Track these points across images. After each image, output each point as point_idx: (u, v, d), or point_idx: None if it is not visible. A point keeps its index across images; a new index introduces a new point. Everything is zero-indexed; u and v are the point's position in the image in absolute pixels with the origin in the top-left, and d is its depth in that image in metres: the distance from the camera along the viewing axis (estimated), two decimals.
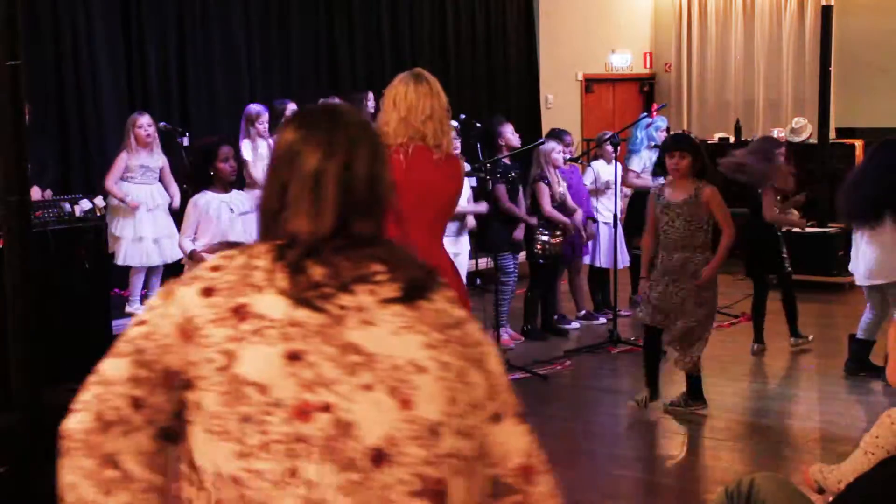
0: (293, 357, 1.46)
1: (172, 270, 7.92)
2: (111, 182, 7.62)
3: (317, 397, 1.45)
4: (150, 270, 7.86)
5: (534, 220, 7.73)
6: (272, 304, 1.49)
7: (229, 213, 5.94)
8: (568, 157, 8.18)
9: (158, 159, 7.79)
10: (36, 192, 6.98)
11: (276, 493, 1.44)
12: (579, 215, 7.99)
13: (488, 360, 1.60)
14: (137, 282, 7.83)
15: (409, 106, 3.96)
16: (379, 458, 1.44)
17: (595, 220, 8.37)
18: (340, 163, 1.57)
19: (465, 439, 1.51)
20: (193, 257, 5.89)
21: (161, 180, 7.84)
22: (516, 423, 1.61)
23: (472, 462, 1.53)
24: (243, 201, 6.09)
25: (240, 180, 6.07)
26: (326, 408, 1.45)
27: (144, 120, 7.70)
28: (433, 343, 1.50)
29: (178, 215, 7.81)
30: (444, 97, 4.07)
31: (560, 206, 7.87)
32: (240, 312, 1.49)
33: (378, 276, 1.52)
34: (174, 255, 7.62)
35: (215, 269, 1.56)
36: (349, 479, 1.43)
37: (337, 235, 1.54)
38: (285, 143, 1.60)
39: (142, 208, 7.67)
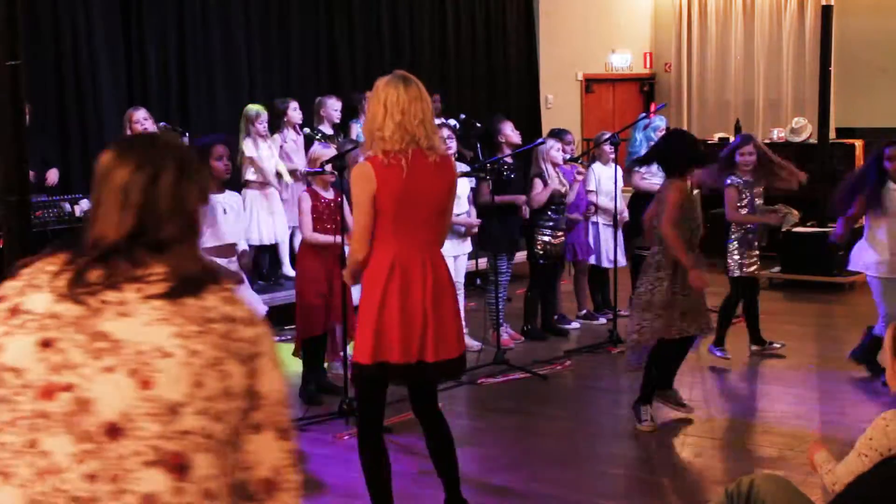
0: (46, 344, 1.65)
1: None
2: None
3: (61, 378, 1.64)
4: None
5: (523, 198, 7.72)
6: (39, 301, 1.69)
7: (223, 215, 5.94)
8: (568, 156, 8.18)
9: None
10: (54, 174, 7.04)
11: (14, 462, 1.62)
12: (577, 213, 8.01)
13: (260, 363, 1.73)
14: None
15: (402, 110, 3.95)
16: (114, 431, 1.62)
17: (597, 209, 8.37)
18: (147, 176, 1.76)
19: (214, 421, 1.66)
20: None
21: None
22: (276, 437, 1.75)
23: (224, 444, 1.68)
24: (238, 201, 6.09)
25: (235, 180, 6.08)
26: (68, 387, 1.63)
27: (140, 114, 7.69)
28: (186, 333, 1.66)
29: None
30: (429, 98, 4.08)
31: (559, 202, 7.87)
32: (14, 311, 1.70)
33: (153, 277, 1.70)
34: None
35: (14, 277, 1.75)
36: (84, 450, 1.61)
37: (135, 240, 1.73)
38: (103, 163, 1.80)
39: None
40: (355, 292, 6.22)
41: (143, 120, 7.66)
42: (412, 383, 4.24)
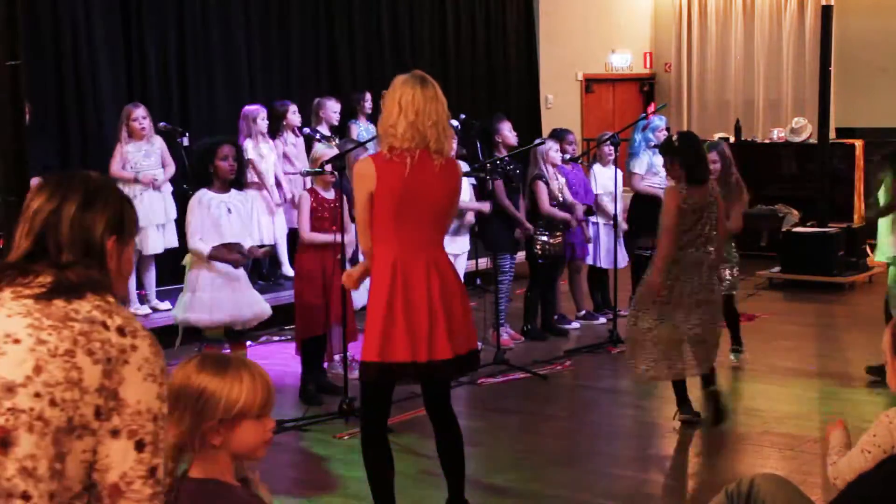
0: None
1: (165, 263, 7.90)
2: (116, 168, 7.57)
3: None
4: (141, 264, 7.76)
5: (530, 227, 7.73)
6: None
7: (227, 214, 5.93)
8: (569, 156, 8.18)
9: (155, 141, 7.77)
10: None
11: None
12: (579, 211, 7.99)
13: (125, 371, 1.85)
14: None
15: (417, 110, 3.98)
16: None
17: (593, 213, 8.35)
18: (53, 206, 1.96)
19: (51, 406, 1.79)
20: (211, 257, 5.86)
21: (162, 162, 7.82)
22: (131, 447, 1.84)
23: (62, 431, 1.79)
24: (242, 202, 6.09)
25: (238, 181, 6.08)
26: None
27: (139, 112, 7.66)
28: (41, 326, 1.83)
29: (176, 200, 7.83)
30: (445, 100, 4.10)
31: (559, 203, 7.87)
32: None
33: (35, 284, 1.89)
34: (172, 241, 7.66)
35: None
36: None
37: (32, 261, 1.92)
38: (28, 194, 2.03)
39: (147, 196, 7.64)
40: (355, 294, 6.23)
41: (141, 118, 7.63)
42: (424, 382, 4.24)
